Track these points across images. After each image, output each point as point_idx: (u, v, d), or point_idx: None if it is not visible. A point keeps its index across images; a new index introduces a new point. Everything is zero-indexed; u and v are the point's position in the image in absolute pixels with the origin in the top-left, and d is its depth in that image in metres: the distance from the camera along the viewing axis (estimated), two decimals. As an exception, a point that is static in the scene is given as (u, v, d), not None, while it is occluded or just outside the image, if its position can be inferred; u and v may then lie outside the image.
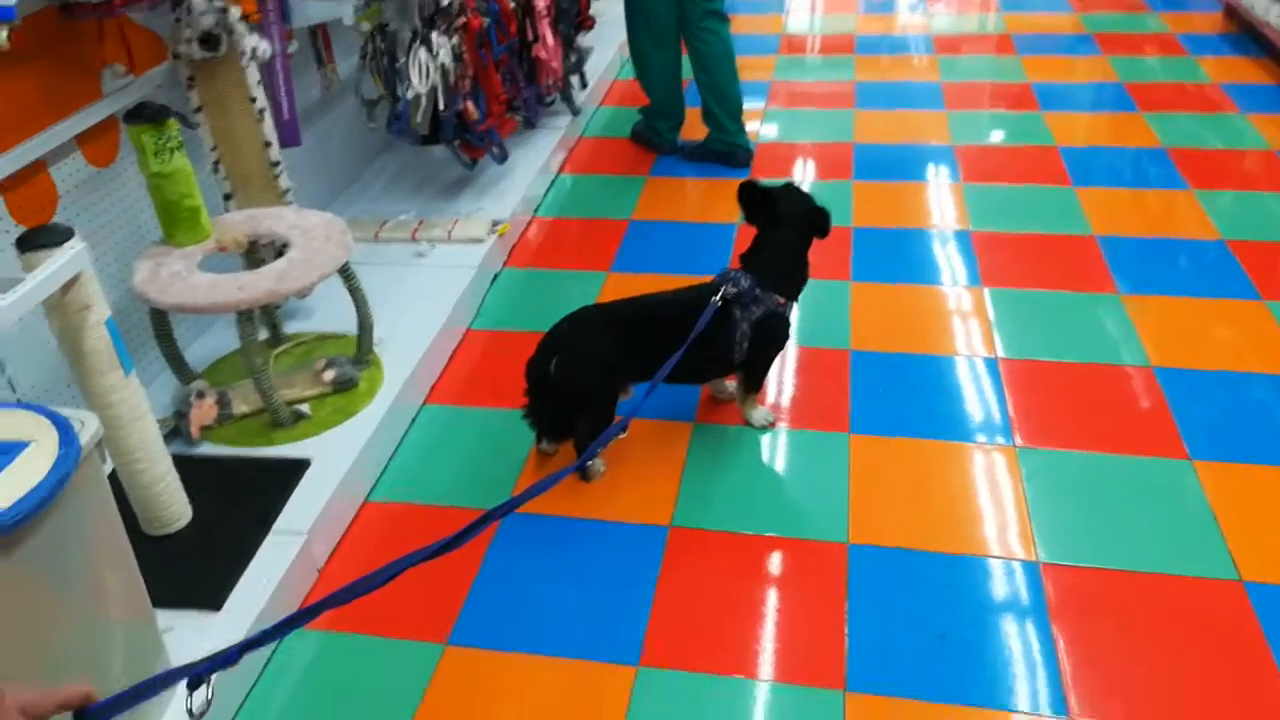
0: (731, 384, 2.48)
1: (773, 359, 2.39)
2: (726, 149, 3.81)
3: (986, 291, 2.94)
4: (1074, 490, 2.20)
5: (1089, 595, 1.95)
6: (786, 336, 2.34)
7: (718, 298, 2.17)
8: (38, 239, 1.64)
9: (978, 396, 2.51)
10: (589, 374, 2.17)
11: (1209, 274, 2.98)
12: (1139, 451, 2.30)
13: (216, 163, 2.48)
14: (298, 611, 1.01)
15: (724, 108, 3.74)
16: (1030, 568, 2.02)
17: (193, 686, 0.93)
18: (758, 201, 2.29)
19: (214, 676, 0.94)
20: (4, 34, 1.71)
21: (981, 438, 2.37)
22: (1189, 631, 1.86)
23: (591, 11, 4.25)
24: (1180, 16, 5.22)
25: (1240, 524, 2.08)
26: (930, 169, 3.73)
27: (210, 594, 1.87)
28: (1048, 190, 3.52)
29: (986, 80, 4.55)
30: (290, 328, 2.70)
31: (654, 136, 3.96)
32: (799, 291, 2.32)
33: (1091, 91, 4.39)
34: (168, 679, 0.92)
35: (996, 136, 3.99)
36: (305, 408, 2.33)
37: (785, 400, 2.53)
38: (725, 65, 3.69)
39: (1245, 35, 4.84)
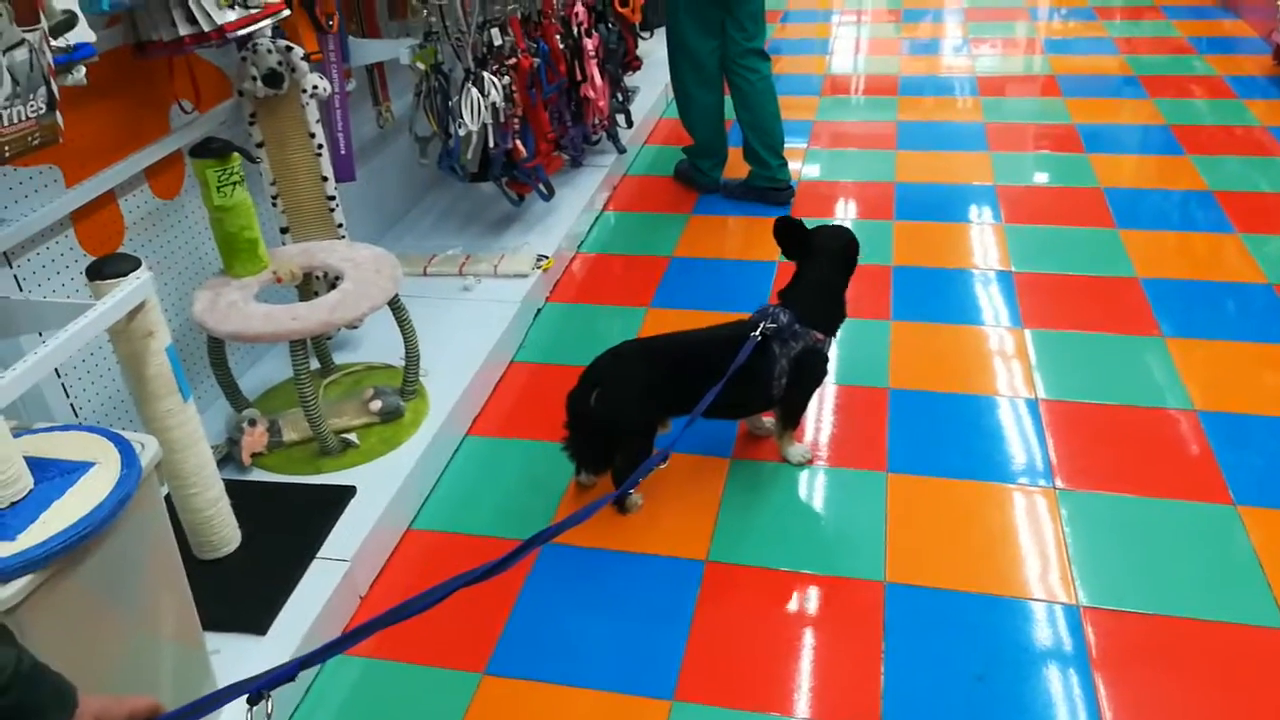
0: (769, 420, 2.50)
1: (810, 395, 2.40)
2: (768, 185, 3.85)
3: (1028, 333, 2.93)
4: (1115, 534, 2.18)
5: (1131, 641, 1.93)
6: (825, 373, 2.36)
7: (757, 333, 2.20)
8: (106, 268, 1.72)
9: (1018, 437, 2.50)
10: (628, 407, 2.20)
11: (1256, 318, 2.94)
12: (1182, 496, 2.27)
13: (275, 197, 2.57)
14: (351, 630, 1.05)
15: (766, 144, 3.79)
16: (1071, 611, 2.00)
17: (253, 702, 0.96)
18: (794, 236, 2.32)
19: (273, 692, 0.98)
20: (83, 71, 1.80)
21: (1022, 479, 2.36)
22: (1234, 679, 1.83)
23: (639, 53, 4.34)
24: (1228, 59, 5.19)
25: (1287, 572, 2.05)
26: (972, 209, 3.74)
27: (256, 618, 1.91)
28: (1091, 232, 3.51)
29: (1031, 122, 4.56)
30: (339, 358, 2.77)
31: (697, 175, 4.01)
32: (837, 327, 2.34)
33: (1137, 134, 4.38)
34: (230, 693, 0.95)
35: (1040, 178, 3.99)
36: (353, 436, 2.39)
37: (823, 438, 2.54)
38: (767, 103, 3.73)
39: (1296, 78, 4.80)
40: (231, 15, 2.13)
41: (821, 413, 2.63)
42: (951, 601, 2.04)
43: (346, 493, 2.24)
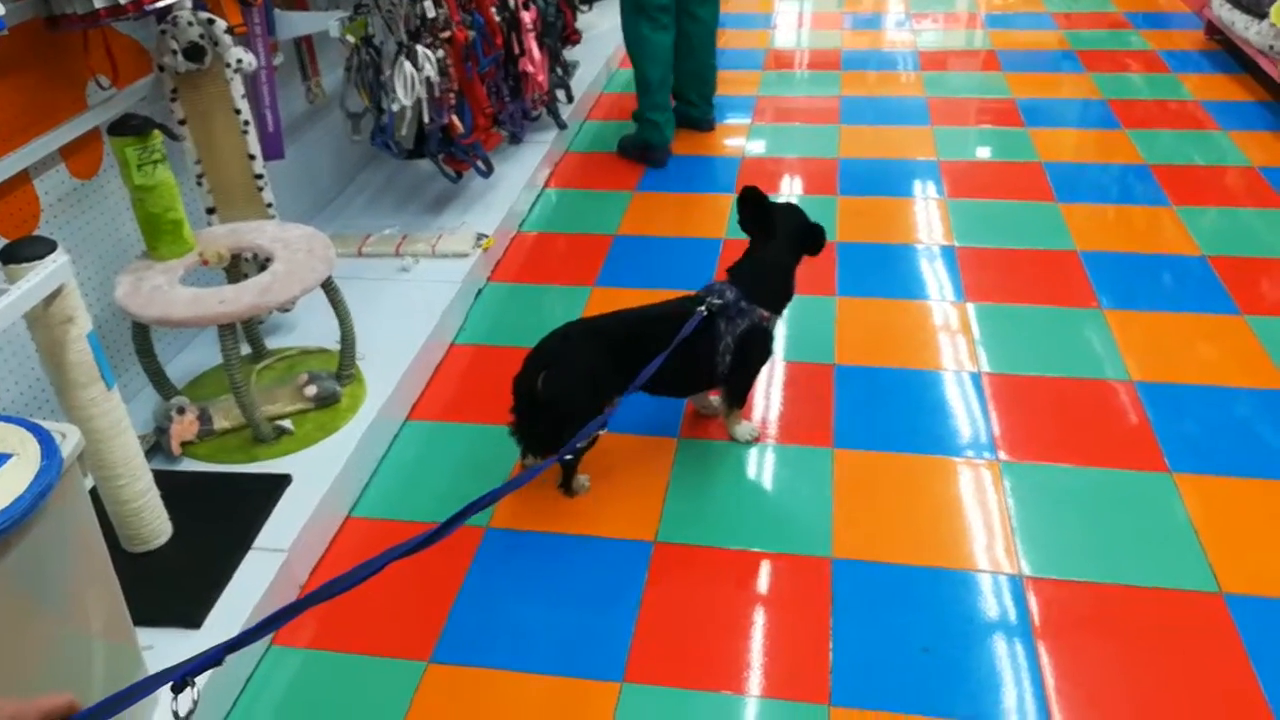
0: (716, 399, 2.48)
1: (756, 373, 2.39)
2: (659, 141, 3.99)
3: (970, 306, 2.96)
4: (1057, 504, 2.21)
5: (1072, 609, 1.96)
6: (770, 351, 2.35)
7: (702, 308, 2.18)
8: (21, 252, 1.63)
9: (962, 411, 2.52)
10: (576, 389, 2.16)
11: (1190, 289, 3.00)
12: (1121, 465, 2.31)
13: (200, 176, 2.48)
14: (281, 609, 1.00)
15: (700, 91, 4.15)
16: (1014, 581, 2.02)
17: (177, 690, 0.92)
18: (757, 208, 2.30)
19: (199, 679, 0.93)
20: (-13, 46, 1.71)
21: (966, 452, 2.37)
22: (1171, 644, 1.86)
23: (578, 25, 4.26)
24: (1162, 34, 5.28)
25: (1220, 537, 2.09)
26: (916, 184, 3.75)
27: (190, 612, 1.85)
28: (1032, 206, 3.54)
29: (972, 96, 4.59)
30: (272, 343, 2.69)
31: (651, 136, 3.96)
32: (784, 306, 2.33)
33: (1076, 108, 4.43)
34: (151, 683, 0.91)
35: (982, 152, 4.02)
36: (288, 423, 2.32)
37: (770, 415, 2.53)
38: (710, 44, 4.05)
39: (1226, 52, 4.90)
40: (148, -15, 2.03)
41: (768, 390, 2.62)
42: (898, 575, 2.05)
43: (282, 481, 2.17)
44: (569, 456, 2.18)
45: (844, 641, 1.90)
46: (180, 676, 0.92)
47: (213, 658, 0.94)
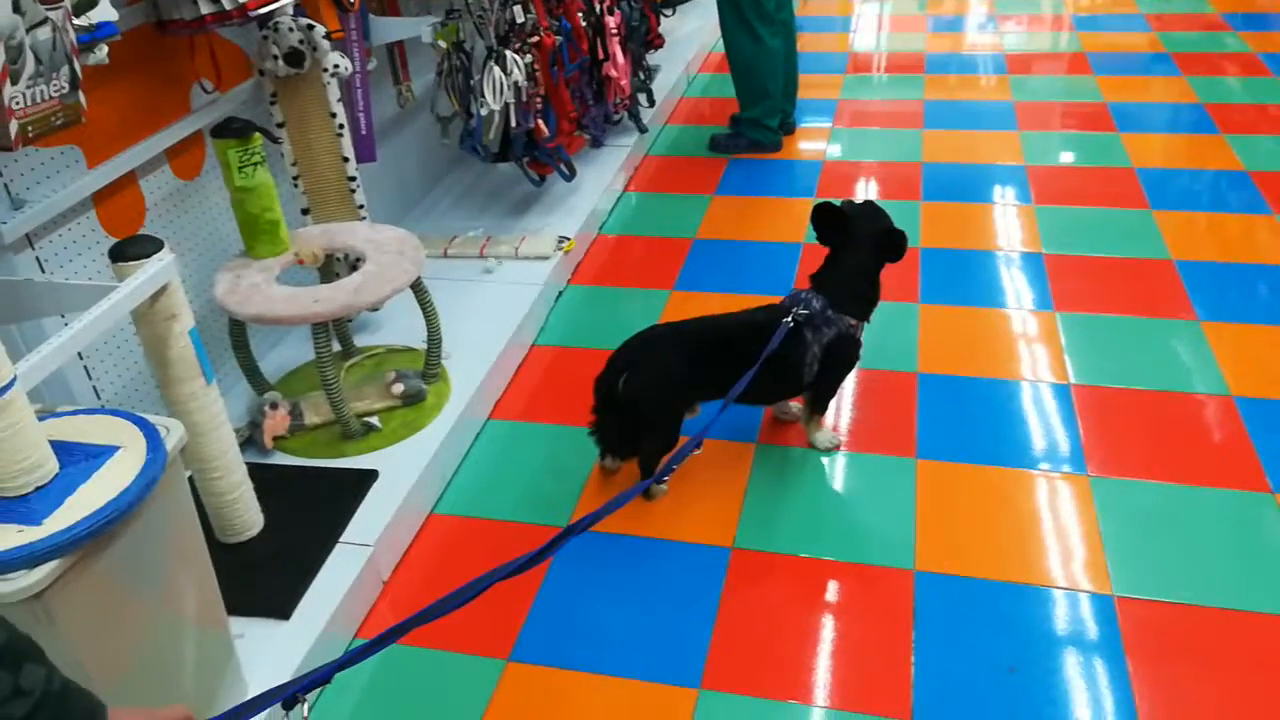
0: (796, 405, 2.46)
1: (841, 381, 2.36)
2: (771, 136, 4.09)
3: (1058, 316, 2.88)
4: (1149, 522, 2.14)
5: (1165, 631, 1.89)
6: (857, 358, 2.32)
7: (789, 319, 2.16)
8: (129, 250, 1.70)
9: (1049, 423, 2.45)
10: (656, 392, 2.17)
11: (1294, 302, 2.88)
12: (1218, 483, 2.23)
13: (296, 177, 2.55)
14: (387, 631, 1.03)
15: (790, 95, 4.15)
16: (1103, 601, 1.96)
17: (288, 706, 0.94)
18: (832, 221, 2.27)
19: (310, 695, 0.96)
20: (105, 50, 1.78)
21: (1053, 466, 2.31)
22: (1270, 671, 1.79)
23: (661, 30, 4.28)
24: (1263, 36, 5.07)
25: (1328, 563, 2.00)
26: (1001, 190, 3.67)
27: (279, 603, 1.90)
28: (1124, 213, 3.44)
29: (1060, 100, 4.47)
30: (361, 340, 2.75)
31: (764, 135, 4.09)
32: (871, 312, 2.30)
33: (1170, 112, 4.29)
34: (265, 699, 0.94)
35: (1070, 158, 3.91)
36: (375, 420, 2.37)
37: (851, 423, 2.50)
38: (795, 48, 4.10)
39: (1333, 55, 4.69)
40: (252, -8, 2.10)
41: (850, 397, 2.59)
42: (982, 590, 2.00)
43: (369, 476, 2.22)
44: (663, 475, 2.19)
45: (926, 656, 1.86)
46: (291, 694, 0.95)
47: (323, 676, 0.97)
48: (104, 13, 1.75)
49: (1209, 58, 4.84)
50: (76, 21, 1.66)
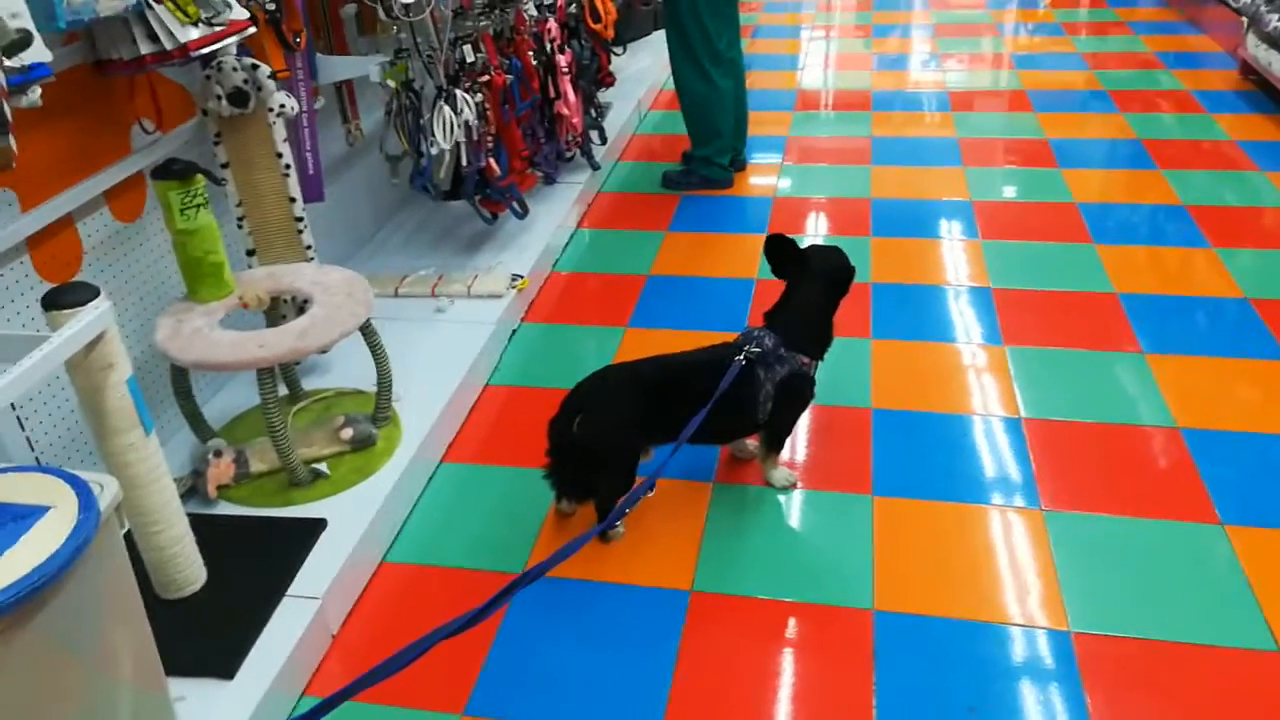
0: (753, 443, 2.45)
1: (796, 419, 2.36)
2: (721, 173, 4.13)
3: (1008, 350, 2.92)
4: (1103, 556, 2.16)
5: (1122, 666, 1.90)
6: (811, 396, 2.32)
7: (741, 358, 2.16)
8: (63, 298, 1.64)
9: (1001, 457, 2.47)
10: (612, 434, 2.15)
11: (1232, 333, 2.95)
12: (1168, 515, 2.25)
13: (241, 219, 2.50)
14: (328, 699, 0.99)
15: (740, 133, 4.18)
16: (1061, 636, 1.97)
17: None
18: (784, 254, 2.28)
19: None
20: (38, 92, 1.72)
21: (1006, 500, 2.33)
22: (1227, 704, 1.80)
23: (611, 68, 4.30)
24: (1195, 74, 5.25)
25: (1276, 591, 2.02)
26: (948, 225, 3.73)
27: (223, 662, 1.83)
28: (1067, 247, 3.51)
29: (1002, 136, 4.57)
30: (309, 384, 2.69)
31: (715, 172, 4.11)
32: (824, 351, 2.31)
33: (1108, 148, 4.40)
34: None
35: (1014, 192, 4.00)
36: (324, 466, 2.31)
37: (807, 460, 2.50)
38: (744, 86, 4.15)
39: (1261, 92, 4.86)
40: (195, 33, 2.06)
41: (806, 434, 2.59)
42: (941, 629, 2.00)
43: (317, 525, 2.16)
44: (615, 519, 2.16)
45: (888, 698, 1.85)
46: None
47: None
48: (37, 54, 1.70)
49: (1144, 95, 4.99)
50: (8, 63, 1.61)
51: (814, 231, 3.77)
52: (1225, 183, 3.95)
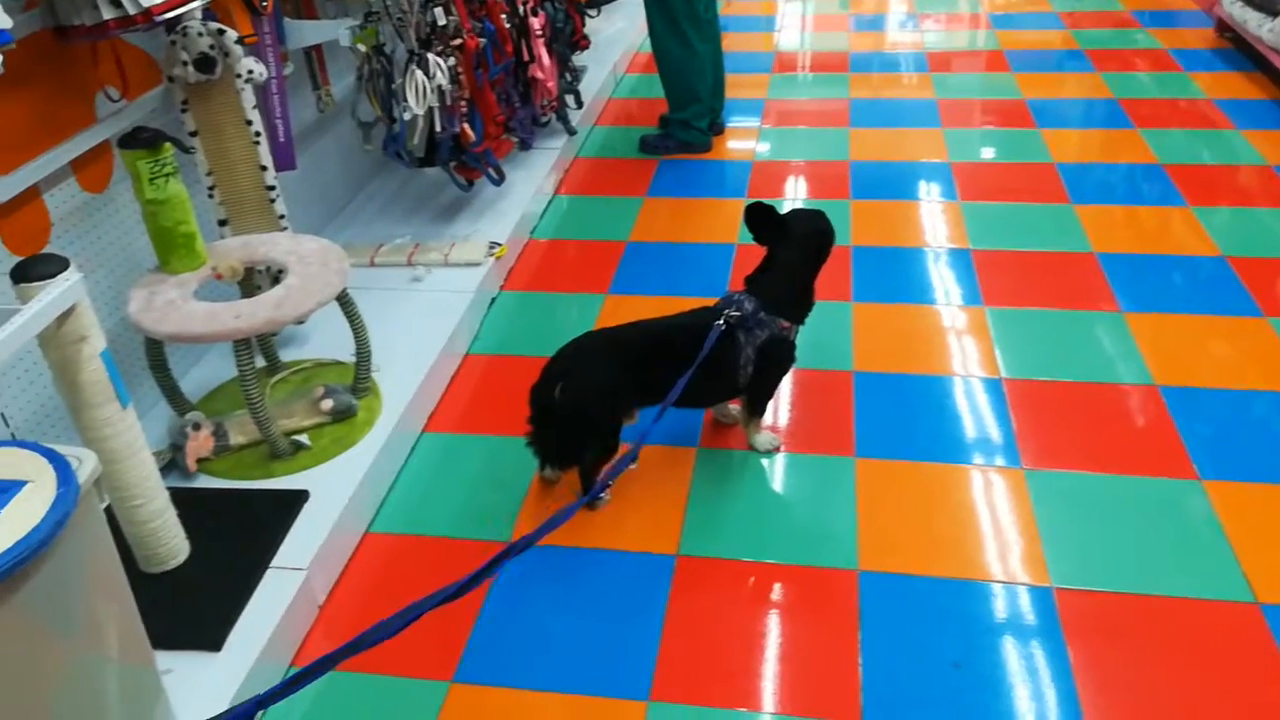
0: (735, 408, 2.45)
1: (777, 383, 2.36)
2: (701, 137, 4.08)
3: (987, 310, 2.92)
4: (1083, 512, 2.18)
5: (1103, 620, 1.93)
6: (792, 360, 2.32)
7: (720, 321, 2.15)
8: (32, 270, 1.60)
9: (982, 418, 2.49)
10: (594, 400, 2.14)
11: (1209, 290, 2.97)
12: (1147, 472, 2.28)
13: (211, 188, 2.45)
14: (313, 664, 0.98)
15: (719, 96, 4.11)
16: (1043, 592, 1.99)
17: None
18: (766, 222, 2.27)
19: None
20: (-1, 60, 1.68)
21: (987, 460, 2.34)
22: (1207, 656, 1.83)
23: (586, 31, 4.24)
24: (1171, 33, 5.25)
25: (1253, 545, 2.06)
26: (927, 187, 3.72)
27: (209, 634, 1.82)
28: (1046, 208, 3.51)
29: (981, 97, 4.56)
30: (286, 355, 2.66)
31: (693, 136, 4.07)
32: (805, 316, 2.30)
33: (1086, 108, 4.40)
34: None
35: (992, 153, 3.99)
36: (304, 438, 2.29)
37: (790, 423, 2.50)
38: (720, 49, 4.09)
39: (1237, 51, 4.86)
40: (159, -4, 2.00)
41: (788, 398, 2.59)
42: (926, 587, 2.01)
43: (299, 497, 2.14)
44: (601, 490, 2.16)
45: (874, 657, 1.86)
46: None
47: (246, 713, 0.92)
48: (-3, 19, 1.65)
49: (1121, 54, 4.98)
50: (-34, 29, 1.57)
51: (793, 195, 3.76)
52: (1202, 141, 3.96)
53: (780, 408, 2.55)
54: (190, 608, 1.87)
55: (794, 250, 2.26)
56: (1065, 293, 2.99)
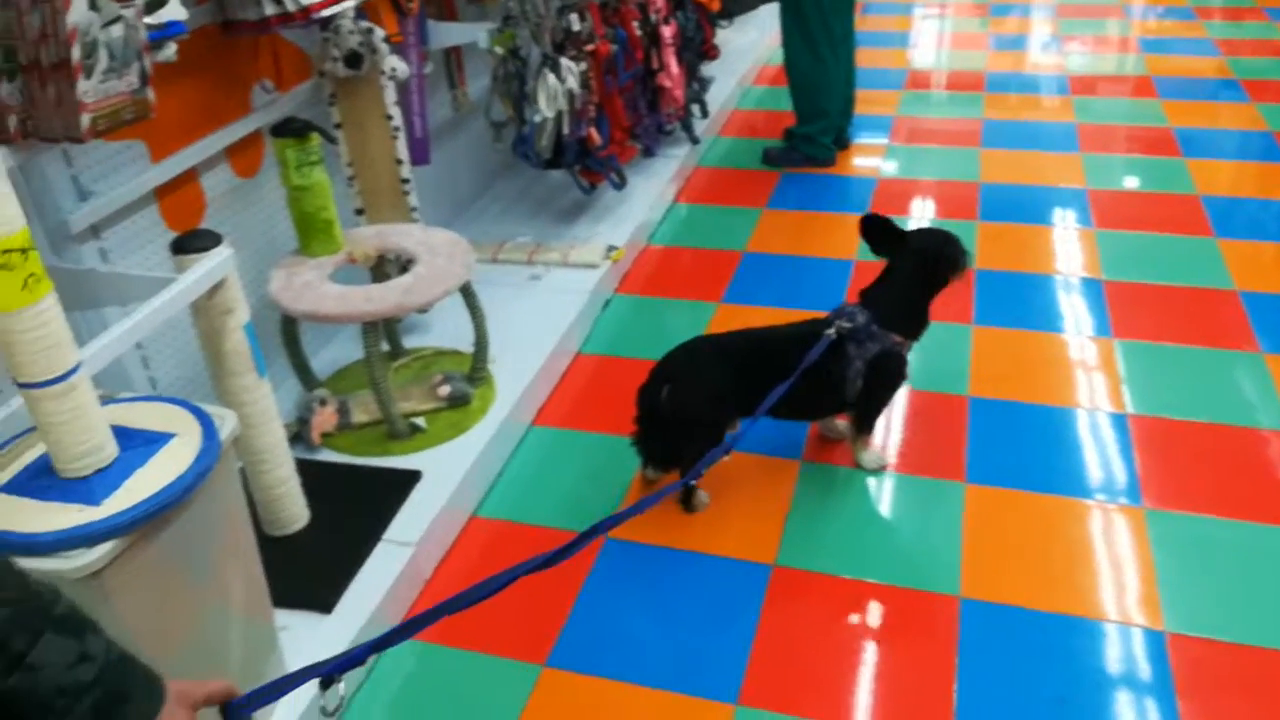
0: (842, 423, 2.43)
1: (887, 400, 2.33)
2: (825, 153, 4.06)
3: (1117, 343, 2.81)
4: (1205, 558, 2.08)
5: (1219, 671, 1.83)
6: (903, 377, 2.28)
7: (831, 331, 2.14)
8: (190, 243, 1.73)
9: (1104, 453, 2.39)
10: (699, 404, 2.16)
11: (1364, 337, 2.78)
12: (1277, 521, 2.15)
13: (351, 178, 2.58)
14: (419, 615, 1.03)
15: (850, 100, 4.10)
16: (1155, 636, 1.91)
17: (325, 685, 0.95)
18: (883, 234, 2.24)
19: (344, 676, 0.96)
20: (173, 48, 1.81)
21: (1107, 496, 2.25)
22: (1334, 722, 1.72)
23: (716, 41, 4.27)
24: (1337, 63, 4.94)
25: (1395, 609, 1.92)
26: (1061, 213, 3.60)
27: (323, 597, 1.91)
28: (1187, 240, 3.36)
29: (1124, 123, 4.38)
30: (409, 342, 2.77)
31: (818, 151, 4.07)
32: (919, 333, 2.26)
33: (1238, 139, 4.18)
34: (303, 675, 0.94)
35: (1134, 182, 3.83)
36: (421, 421, 2.38)
37: (899, 444, 2.46)
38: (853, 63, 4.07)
39: None
40: (317, -5, 2.13)
41: (898, 418, 2.55)
42: (1030, 620, 1.95)
43: (413, 477, 2.23)
44: (692, 481, 2.17)
45: (970, 685, 1.82)
46: (328, 672, 0.95)
47: (357, 657, 0.97)
48: (173, 11, 1.78)
49: (1279, 85, 4.71)
50: (147, 20, 1.70)
51: (919, 214, 3.69)
52: (1364, 179, 3.71)
53: (890, 427, 2.51)
54: (306, 571, 1.97)
55: (911, 265, 2.23)
56: (1203, 330, 2.85)
